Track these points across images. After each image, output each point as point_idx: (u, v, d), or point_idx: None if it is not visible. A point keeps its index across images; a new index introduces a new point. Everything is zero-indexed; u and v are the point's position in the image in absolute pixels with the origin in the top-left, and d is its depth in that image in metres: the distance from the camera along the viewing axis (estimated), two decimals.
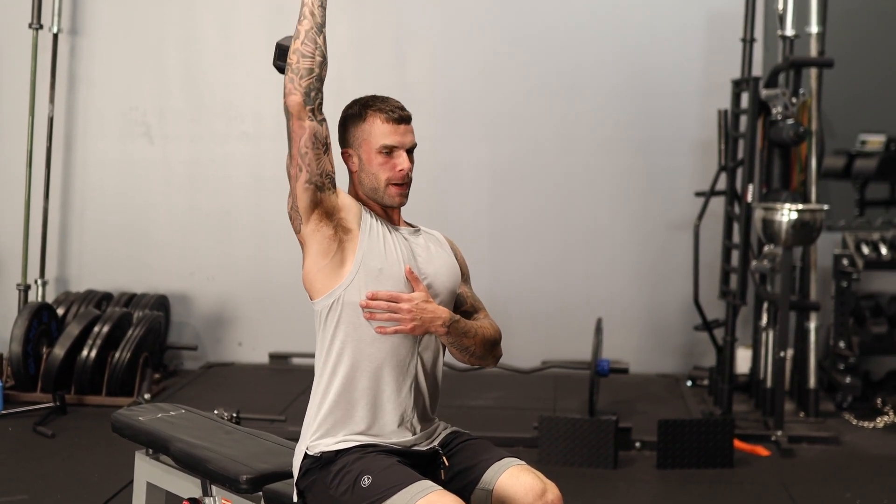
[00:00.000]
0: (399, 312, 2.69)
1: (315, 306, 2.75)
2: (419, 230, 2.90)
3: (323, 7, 2.68)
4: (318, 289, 2.73)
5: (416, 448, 2.76)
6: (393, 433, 2.73)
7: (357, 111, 2.79)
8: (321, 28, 2.67)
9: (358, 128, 2.78)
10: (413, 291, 2.73)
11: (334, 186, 2.69)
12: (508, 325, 6.29)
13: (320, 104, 2.65)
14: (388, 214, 2.83)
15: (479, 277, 5.41)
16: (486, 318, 2.92)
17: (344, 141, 2.82)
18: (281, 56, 2.78)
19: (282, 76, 2.72)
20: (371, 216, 2.77)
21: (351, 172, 2.83)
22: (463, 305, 2.92)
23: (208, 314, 6.77)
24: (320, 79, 2.64)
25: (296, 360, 6.68)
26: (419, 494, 2.54)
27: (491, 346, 2.85)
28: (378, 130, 2.76)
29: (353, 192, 2.84)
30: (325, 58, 2.66)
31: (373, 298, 2.69)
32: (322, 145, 2.64)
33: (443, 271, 2.84)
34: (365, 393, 2.71)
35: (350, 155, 2.80)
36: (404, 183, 2.78)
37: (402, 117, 2.78)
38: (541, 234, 6.64)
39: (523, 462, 2.76)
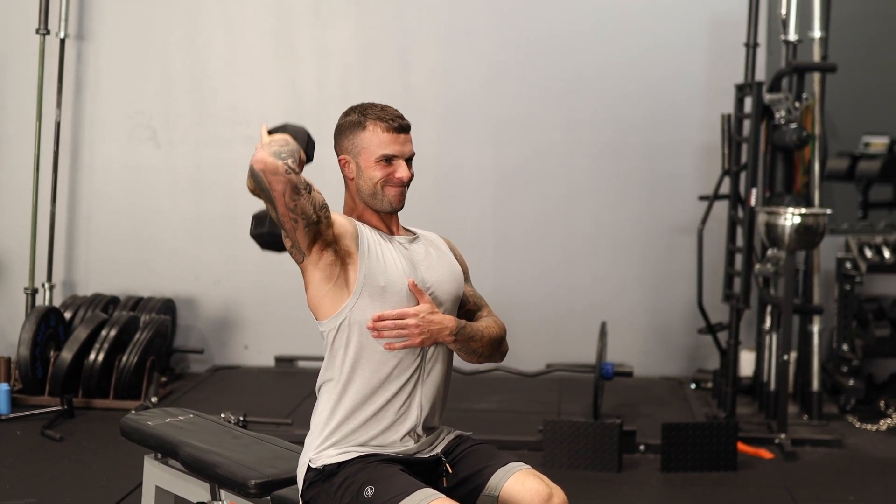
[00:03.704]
0: (406, 328, 2.71)
1: (322, 328, 2.76)
2: (417, 236, 2.90)
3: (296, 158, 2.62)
4: (323, 311, 2.74)
5: (418, 456, 2.78)
6: (396, 442, 2.75)
7: (356, 119, 2.79)
8: (296, 157, 2.62)
9: (357, 136, 2.78)
10: (417, 304, 2.74)
11: (329, 212, 2.66)
12: (513, 329, 6.26)
13: (294, 161, 2.57)
14: (386, 223, 2.84)
15: (483, 281, 5.41)
16: (490, 314, 2.94)
17: (340, 148, 2.82)
18: (259, 224, 2.77)
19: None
20: (368, 231, 2.77)
21: (347, 179, 2.83)
22: (466, 305, 2.94)
23: (214, 318, 6.80)
24: (291, 154, 2.58)
25: (301, 364, 6.71)
26: (422, 503, 2.56)
27: (498, 344, 2.89)
28: (378, 140, 2.76)
29: (350, 199, 2.84)
30: (301, 159, 2.61)
31: (379, 320, 2.70)
32: (304, 188, 2.58)
33: (446, 278, 2.85)
34: (376, 408, 2.73)
35: (347, 161, 2.80)
36: (402, 185, 2.78)
37: (401, 126, 2.78)
38: (544, 237, 6.66)
39: (529, 466, 2.78)
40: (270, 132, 2.73)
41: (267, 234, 2.83)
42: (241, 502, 3.09)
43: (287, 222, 2.61)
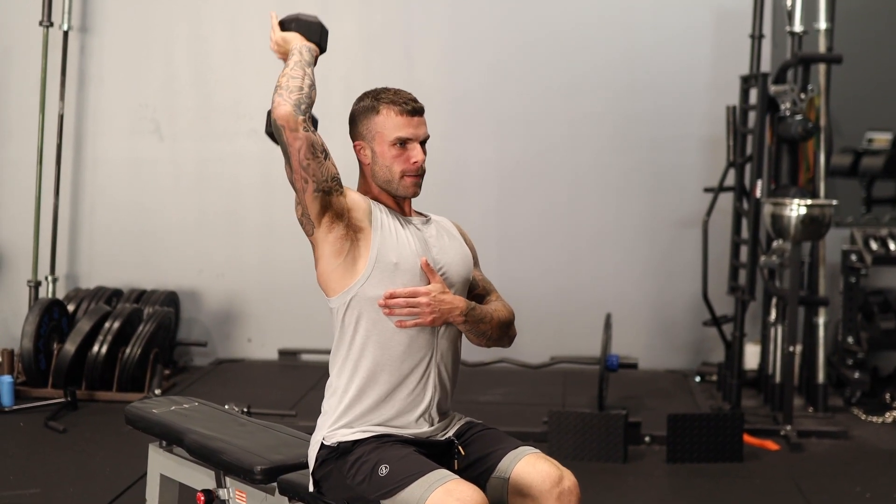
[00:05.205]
0: (418, 306, 2.70)
1: (331, 304, 2.76)
2: (430, 219, 2.92)
3: (311, 65, 2.74)
4: (333, 287, 2.74)
5: (432, 438, 2.78)
6: (412, 423, 2.75)
7: (370, 104, 2.80)
8: (311, 63, 2.74)
9: (371, 120, 2.78)
10: (429, 283, 2.74)
11: (341, 187, 2.70)
12: (517, 322, 6.25)
13: (311, 117, 2.66)
14: (400, 205, 2.84)
15: (488, 274, 5.38)
16: (499, 299, 2.95)
17: (355, 134, 2.82)
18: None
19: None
20: (381, 211, 2.78)
21: (363, 164, 2.83)
22: (475, 289, 2.94)
23: (218, 311, 6.79)
24: (309, 97, 2.66)
25: (305, 357, 6.70)
26: (437, 483, 2.55)
27: (506, 328, 2.89)
28: (392, 123, 2.76)
29: (365, 183, 2.84)
30: (313, 82, 2.69)
31: (391, 297, 2.70)
32: (321, 152, 2.64)
33: (457, 260, 2.86)
34: (387, 386, 2.73)
35: (362, 147, 2.81)
36: (419, 174, 2.79)
37: (415, 109, 2.79)
38: (549, 231, 6.65)
39: (538, 450, 2.78)
40: (282, 24, 2.87)
41: None
42: (248, 489, 3.08)
43: (298, 181, 2.64)
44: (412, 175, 2.78)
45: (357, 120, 2.82)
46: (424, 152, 2.80)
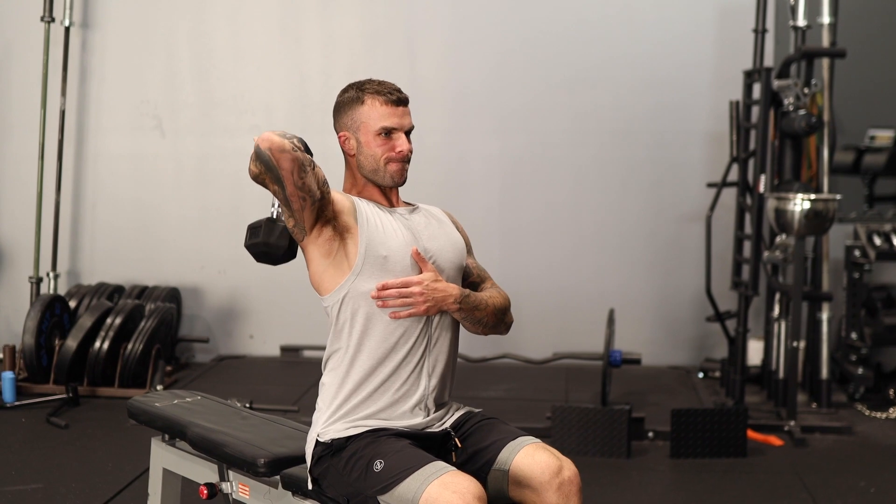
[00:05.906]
0: (411, 296, 2.70)
1: (325, 302, 2.75)
2: (417, 208, 2.91)
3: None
4: (326, 286, 2.74)
5: (428, 430, 2.76)
6: (407, 414, 2.73)
7: (354, 94, 2.80)
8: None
9: (356, 111, 2.78)
10: (420, 273, 2.73)
11: (329, 188, 2.68)
12: (520, 318, 6.23)
13: (297, 140, 2.61)
14: (387, 195, 2.84)
15: (491, 270, 5.38)
16: (494, 286, 2.94)
17: (340, 125, 2.83)
18: (253, 235, 2.78)
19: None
20: (365, 205, 2.77)
21: (347, 156, 2.83)
22: (469, 277, 2.94)
23: (219, 307, 6.78)
24: (293, 138, 2.60)
25: (307, 353, 6.69)
26: (433, 476, 2.53)
27: (502, 314, 2.88)
28: (377, 113, 2.76)
29: (351, 176, 2.84)
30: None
31: (383, 289, 2.69)
32: (309, 165, 2.59)
33: (447, 247, 2.85)
34: (381, 377, 2.72)
35: (347, 138, 2.80)
36: (404, 160, 2.79)
37: (399, 99, 2.79)
38: (552, 227, 6.63)
39: (538, 440, 2.76)
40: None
41: (261, 244, 2.80)
42: (251, 482, 3.07)
43: (296, 202, 2.61)
44: (397, 161, 2.77)
45: (342, 111, 2.82)
46: (410, 143, 2.80)
